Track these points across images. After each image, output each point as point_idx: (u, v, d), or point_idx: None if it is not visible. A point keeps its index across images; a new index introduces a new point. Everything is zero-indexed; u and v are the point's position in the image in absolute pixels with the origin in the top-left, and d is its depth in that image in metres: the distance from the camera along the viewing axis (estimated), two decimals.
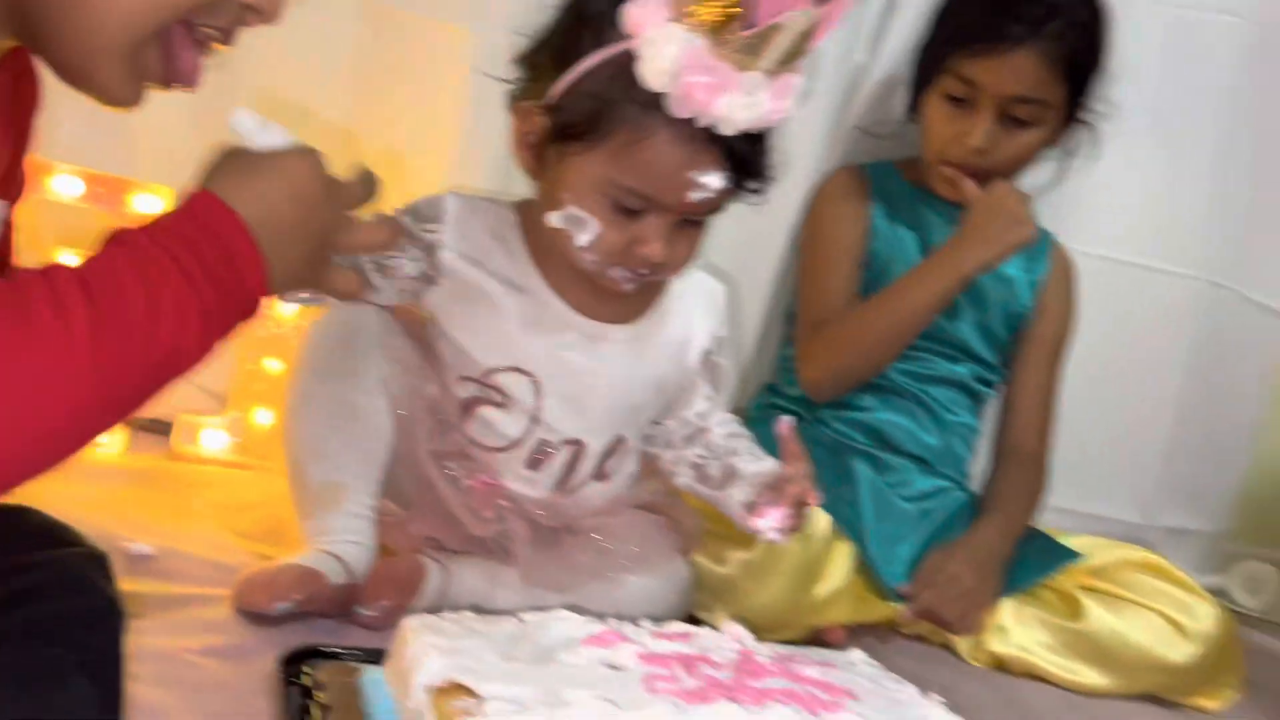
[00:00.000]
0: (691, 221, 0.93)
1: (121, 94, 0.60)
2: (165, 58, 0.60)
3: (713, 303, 1.07)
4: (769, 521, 0.94)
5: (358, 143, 1.31)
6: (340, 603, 0.91)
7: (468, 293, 0.98)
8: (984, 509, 1.29)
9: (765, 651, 0.79)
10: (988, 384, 1.38)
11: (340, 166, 0.88)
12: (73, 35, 0.57)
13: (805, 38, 0.86)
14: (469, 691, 0.63)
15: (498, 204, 1.02)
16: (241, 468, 1.26)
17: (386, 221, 0.76)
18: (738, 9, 0.83)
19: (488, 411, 0.99)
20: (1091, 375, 1.64)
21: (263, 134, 0.64)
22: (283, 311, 1.25)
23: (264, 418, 1.27)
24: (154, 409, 1.31)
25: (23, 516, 0.63)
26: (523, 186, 1.01)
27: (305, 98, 1.29)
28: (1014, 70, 1.19)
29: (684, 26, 0.83)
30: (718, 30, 0.83)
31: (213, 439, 1.26)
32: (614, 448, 1.03)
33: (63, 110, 1.21)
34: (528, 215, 1.00)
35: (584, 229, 0.91)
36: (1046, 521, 1.39)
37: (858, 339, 1.26)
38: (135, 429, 1.26)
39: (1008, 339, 1.37)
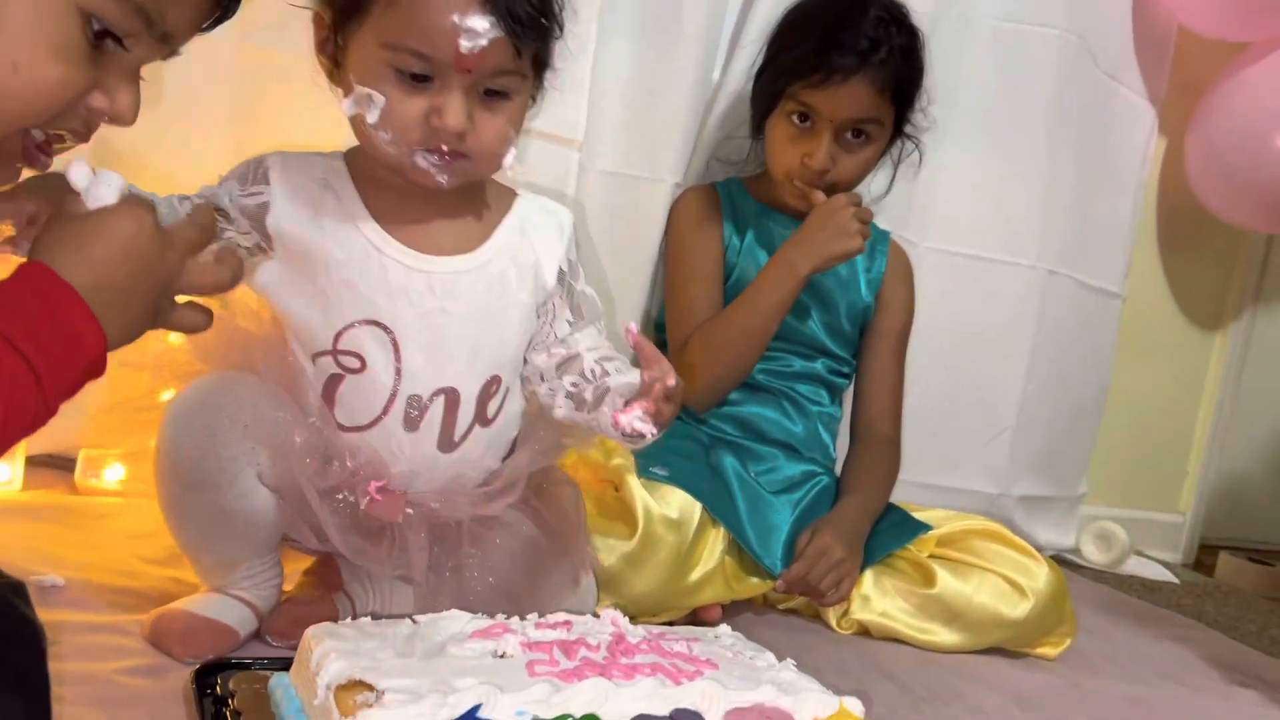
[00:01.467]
0: (491, 94, 0.92)
1: None
2: (21, 153, 0.64)
3: (559, 226, 1.06)
4: (632, 416, 0.90)
5: None
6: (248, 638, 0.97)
7: (303, 255, 0.96)
8: (844, 490, 1.41)
9: (638, 632, 0.88)
10: (843, 375, 1.50)
11: None
12: None
13: None
14: (369, 687, 0.71)
15: (325, 155, 1.00)
16: (142, 496, 1.29)
17: (227, 258, 0.73)
18: None
19: (350, 384, 0.97)
20: (945, 359, 1.78)
21: (96, 187, 0.64)
22: (175, 340, 1.29)
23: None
24: (49, 445, 1.35)
25: None
26: None
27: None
28: (849, 97, 1.31)
29: None
30: None
31: (114, 472, 1.30)
32: (491, 389, 1.01)
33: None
34: (355, 161, 0.99)
35: (373, 106, 0.90)
36: (909, 496, 1.52)
37: (719, 349, 1.35)
38: (31, 464, 1.29)
39: (854, 333, 1.50)
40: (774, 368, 1.44)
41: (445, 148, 0.92)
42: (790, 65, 1.34)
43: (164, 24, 0.64)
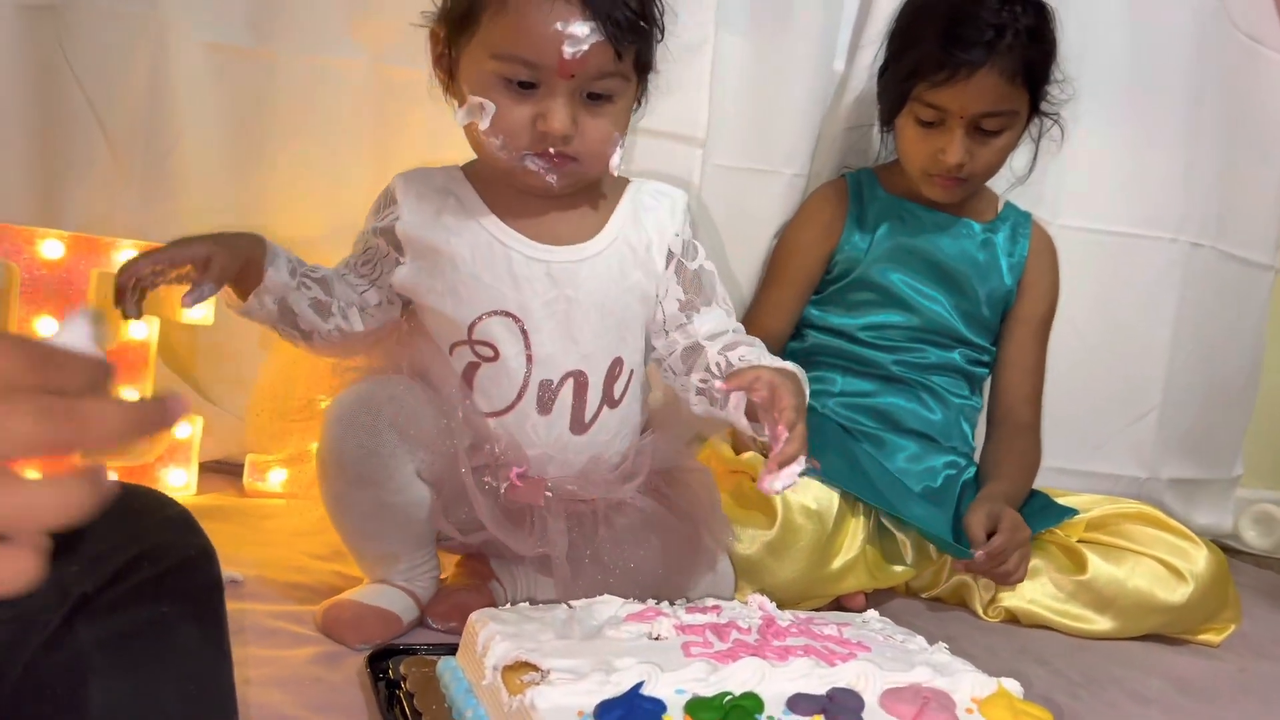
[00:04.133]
0: (594, 97, 0.96)
1: None
2: None
3: (672, 206, 1.08)
4: (778, 481, 0.90)
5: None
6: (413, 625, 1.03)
7: (431, 253, 1.02)
8: (985, 477, 1.38)
9: (787, 616, 0.90)
10: (982, 364, 1.47)
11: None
12: None
13: None
14: (534, 667, 0.74)
15: (443, 168, 1.07)
16: (302, 498, 1.37)
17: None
18: None
19: (486, 372, 1.02)
20: (1086, 340, 1.73)
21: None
22: None
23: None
24: (219, 451, 1.43)
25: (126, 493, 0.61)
26: None
27: (333, 160, 1.41)
28: (977, 92, 1.26)
29: None
30: None
31: (278, 475, 1.37)
32: (615, 371, 1.05)
33: (118, 194, 1.35)
34: (472, 169, 1.06)
35: (484, 114, 0.95)
36: (1052, 482, 1.48)
37: None
38: (204, 470, 1.38)
39: (994, 319, 1.46)
40: (909, 359, 1.41)
41: (553, 150, 0.96)
42: (913, 65, 1.30)
43: None
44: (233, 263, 0.98)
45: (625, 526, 1.06)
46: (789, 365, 0.98)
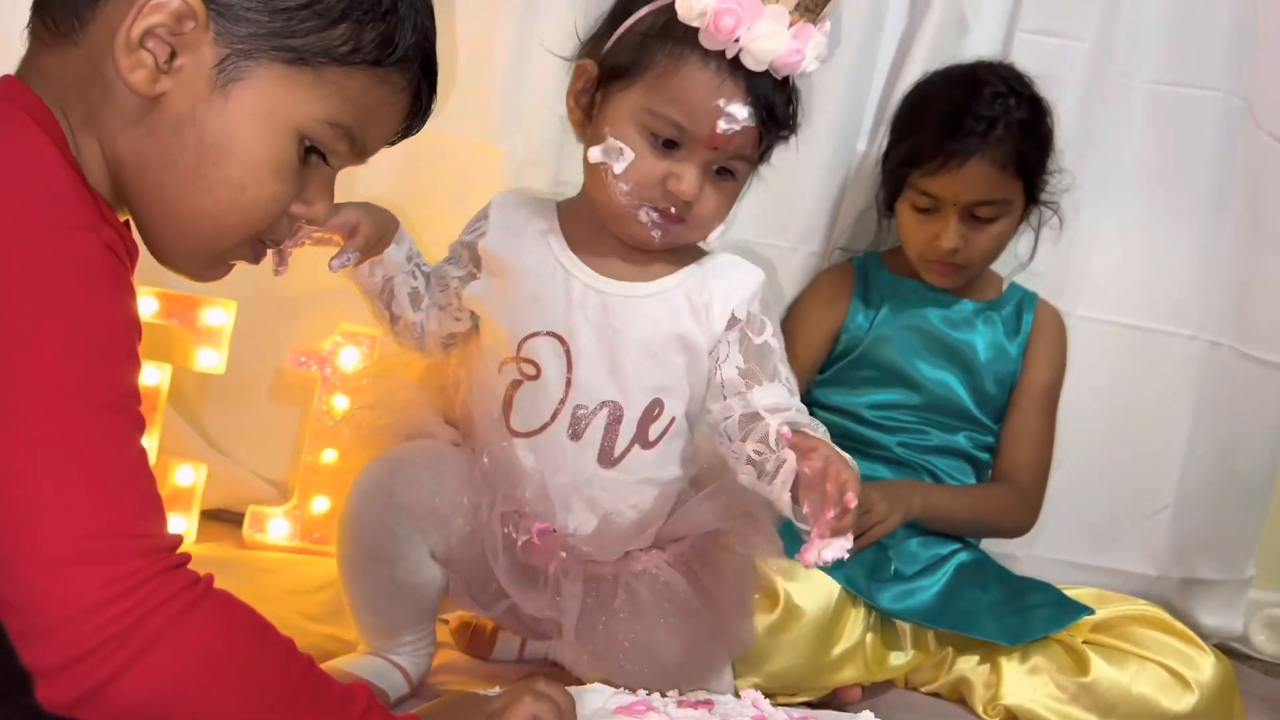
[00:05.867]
0: (721, 172, 1.00)
1: (201, 278, 0.72)
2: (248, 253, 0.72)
3: (744, 279, 1.08)
4: (823, 551, 0.85)
5: None
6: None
7: (502, 269, 1.06)
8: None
9: (780, 716, 0.88)
10: (988, 449, 1.46)
11: None
12: (163, 239, 0.68)
13: None
14: None
15: (540, 197, 1.11)
16: (303, 553, 1.37)
17: None
18: None
19: (526, 390, 1.04)
20: (1099, 433, 1.72)
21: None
22: (337, 405, 1.37)
23: (322, 505, 1.37)
24: (220, 500, 1.43)
25: None
26: None
27: None
28: (968, 181, 1.30)
29: None
30: None
31: (279, 527, 1.37)
32: (654, 412, 1.05)
33: None
34: (565, 208, 1.09)
35: (620, 158, 0.98)
36: (1061, 577, 1.46)
37: None
38: (204, 517, 1.38)
39: (1002, 399, 1.46)
40: (911, 440, 1.41)
41: (673, 210, 1.00)
42: (909, 154, 1.33)
43: (364, 142, 0.71)
44: (374, 234, 1.03)
45: (646, 599, 1.04)
46: (848, 456, 0.92)
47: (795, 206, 1.55)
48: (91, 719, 0.54)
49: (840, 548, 0.85)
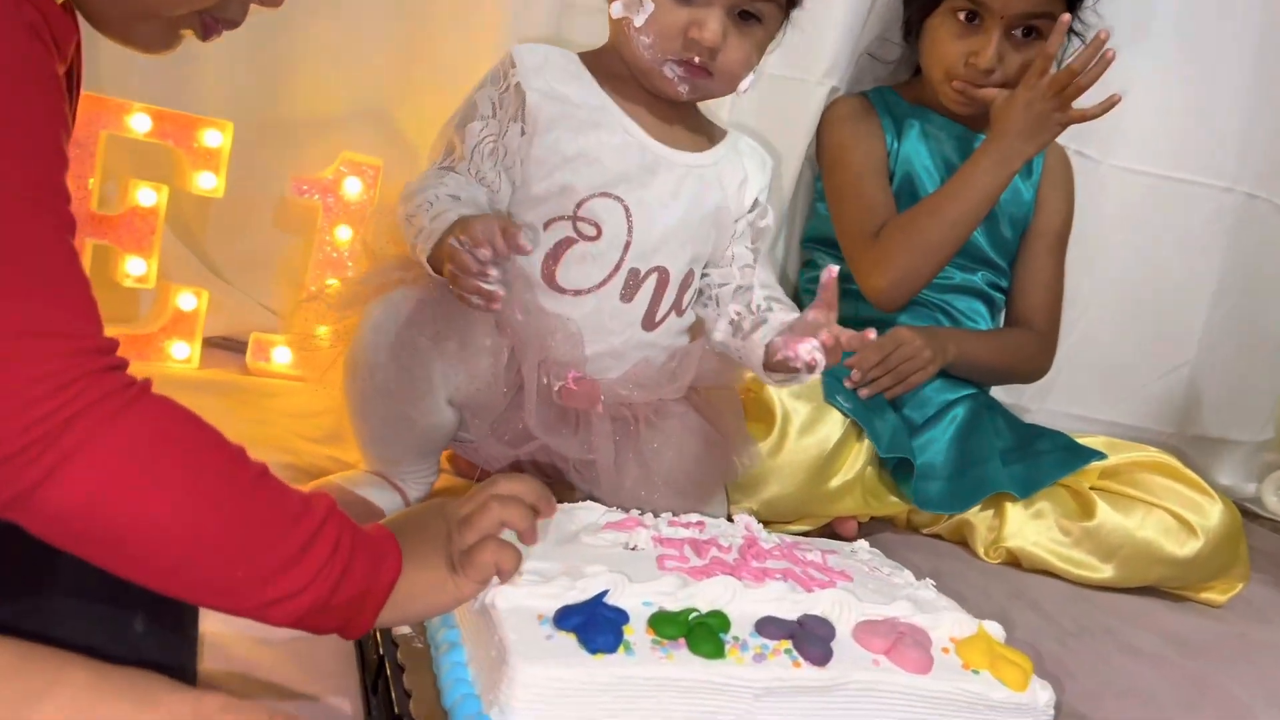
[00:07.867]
0: (745, 16, 0.97)
1: (150, 49, 0.67)
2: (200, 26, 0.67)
3: (762, 161, 1.11)
4: (810, 346, 0.92)
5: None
6: None
7: (552, 126, 1.00)
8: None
9: (771, 539, 0.87)
10: (1002, 290, 1.44)
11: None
12: (106, 5, 0.63)
13: None
14: None
15: (559, 49, 1.05)
16: (304, 380, 1.36)
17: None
18: None
19: (578, 251, 1.01)
20: (1121, 285, 1.68)
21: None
22: (340, 236, 1.34)
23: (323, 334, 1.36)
24: (224, 328, 1.42)
25: None
26: None
27: (354, 42, 1.36)
28: None
29: None
30: None
31: (281, 355, 1.36)
32: (688, 280, 1.07)
33: (133, 57, 1.31)
34: (589, 58, 1.05)
35: (642, 11, 0.96)
36: (1074, 429, 1.43)
37: (919, 242, 1.27)
38: (208, 345, 1.37)
39: (1015, 240, 1.43)
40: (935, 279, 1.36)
41: (696, 60, 0.97)
42: None
43: None
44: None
45: (667, 429, 1.05)
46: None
47: (815, 40, 1.47)
48: (25, 522, 0.51)
49: (821, 357, 0.92)
